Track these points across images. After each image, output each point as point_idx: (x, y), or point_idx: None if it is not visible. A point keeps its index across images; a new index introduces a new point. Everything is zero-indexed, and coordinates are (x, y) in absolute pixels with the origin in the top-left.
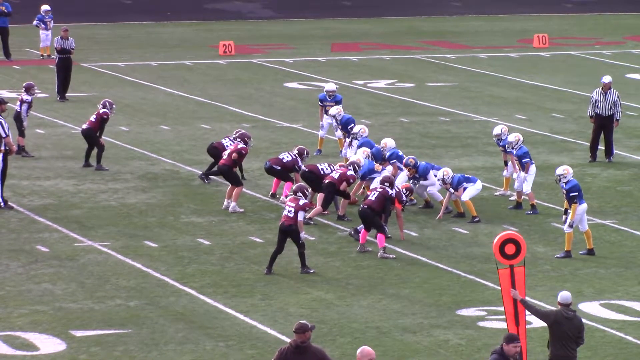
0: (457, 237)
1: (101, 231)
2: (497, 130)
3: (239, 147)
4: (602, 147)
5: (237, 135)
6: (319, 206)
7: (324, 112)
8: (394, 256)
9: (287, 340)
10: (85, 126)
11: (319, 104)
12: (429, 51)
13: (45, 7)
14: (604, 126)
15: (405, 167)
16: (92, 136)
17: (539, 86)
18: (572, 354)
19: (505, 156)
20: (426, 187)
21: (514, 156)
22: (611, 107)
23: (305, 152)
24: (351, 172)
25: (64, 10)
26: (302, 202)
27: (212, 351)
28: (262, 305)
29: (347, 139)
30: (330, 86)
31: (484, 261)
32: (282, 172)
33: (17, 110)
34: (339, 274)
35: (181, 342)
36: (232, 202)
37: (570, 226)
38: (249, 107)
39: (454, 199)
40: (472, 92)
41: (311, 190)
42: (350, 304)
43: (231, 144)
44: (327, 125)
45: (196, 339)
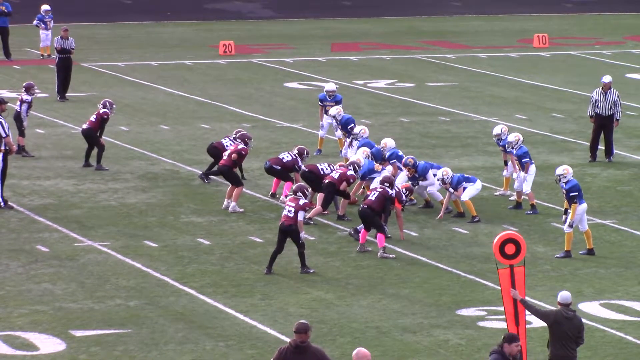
0: (457, 237)
1: (101, 231)
2: (497, 130)
3: (239, 148)
4: (602, 147)
5: (238, 135)
6: (319, 206)
7: (324, 112)
8: (394, 256)
9: (287, 340)
10: (85, 126)
11: (319, 104)
12: (429, 51)
13: (45, 7)
14: (604, 126)
15: (404, 167)
16: (92, 136)
17: (539, 86)
18: (572, 353)
19: (505, 156)
20: (426, 187)
21: (513, 156)
22: (611, 107)
23: (305, 152)
24: (351, 172)
25: (64, 10)
26: (302, 202)
27: (211, 351)
28: (262, 305)
29: (347, 139)
30: (330, 86)
31: (484, 261)
32: (282, 172)
33: (17, 110)
34: (339, 273)
35: (181, 342)
36: (232, 202)
37: (570, 226)
38: (249, 107)
39: (453, 199)
40: (472, 92)
41: (311, 190)
42: (350, 304)
43: (231, 144)
44: (327, 125)
45: (196, 339)
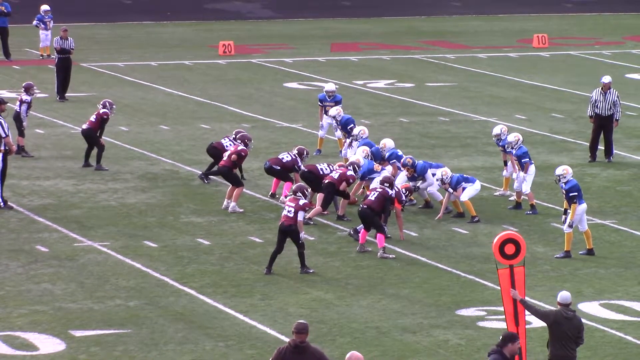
0: (457, 237)
1: (101, 231)
2: (496, 130)
3: (239, 149)
4: (601, 147)
5: (238, 137)
6: (319, 206)
7: (324, 112)
8: (394, 256)
9: (287, 340)
10: (85, 126)
11: (319, 104)
12: (428, 51)
13: (44, 7)
14: (603, 126)
15: (403, 167)
16: (92, 136)
17: (539, 86)
18: (572, 354)
19: (504, 156)
20: (425, 187)
21: (513, 156)
22: (611, 107)
23: (305, 152)
24: (351, 172)
25: (63, 10)
26: (302, 202)
27: (211, 351)
28: (261, 305)
29: (346, 139)
30: (329, 86)
31: (483, 261)
32: (282, 172)
33: (17, 110)
34: (339, 274)
35: (181, 342)
36: (232, 202)
37: (569, 226)
38: (249, 107)
39: (452, 200)
40: (471, 92)
41: (311, 190)
42: (349, 304)
43: (231, 144)
44: (327, 125)
45: (196, 339)
